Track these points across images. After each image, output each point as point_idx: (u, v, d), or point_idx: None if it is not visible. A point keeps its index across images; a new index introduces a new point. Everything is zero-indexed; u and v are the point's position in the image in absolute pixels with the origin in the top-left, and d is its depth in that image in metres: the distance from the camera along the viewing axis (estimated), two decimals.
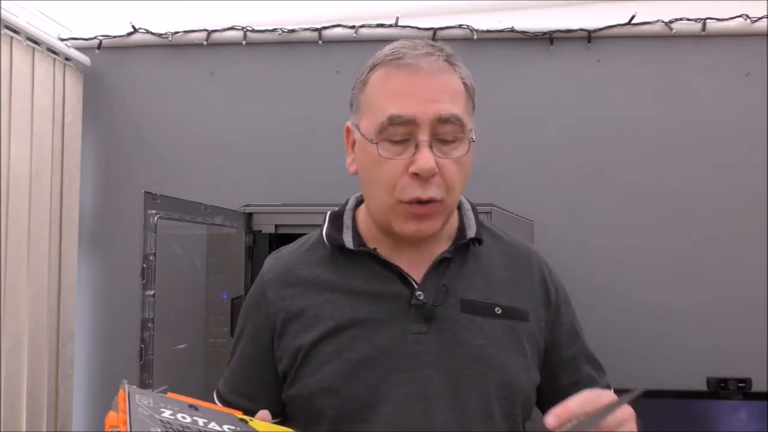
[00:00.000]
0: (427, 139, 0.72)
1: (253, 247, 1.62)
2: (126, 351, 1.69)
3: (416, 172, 0.71)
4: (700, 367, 1.61)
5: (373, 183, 0.76)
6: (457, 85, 0.76)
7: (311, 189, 1.81)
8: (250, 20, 1.85)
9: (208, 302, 1.58)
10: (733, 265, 1.70)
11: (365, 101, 0.77)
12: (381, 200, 0.75)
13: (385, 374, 0.74)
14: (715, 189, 1.73)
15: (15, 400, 1.52)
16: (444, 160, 0.73)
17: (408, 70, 0.74)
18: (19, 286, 1.54)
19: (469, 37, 1.78)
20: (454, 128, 0.73)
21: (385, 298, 0.77)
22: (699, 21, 1.72)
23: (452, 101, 0.74)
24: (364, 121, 0.77)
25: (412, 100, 0.72)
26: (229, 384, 0.86)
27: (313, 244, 0.85)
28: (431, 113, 0.72)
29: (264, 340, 0.82)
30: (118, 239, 1.87)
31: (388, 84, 0.75)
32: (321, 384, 0.75)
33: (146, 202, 1.20)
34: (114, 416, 0.51)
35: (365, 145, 0.76)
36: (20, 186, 1.56)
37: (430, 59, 0.74)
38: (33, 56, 1.63)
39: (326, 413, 0.74)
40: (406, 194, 0.72)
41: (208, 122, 1.88)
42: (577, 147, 1.78)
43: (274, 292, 0.82)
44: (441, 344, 0.74)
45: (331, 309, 0.78)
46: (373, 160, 0.74)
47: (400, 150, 0.73)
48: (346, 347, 0.75)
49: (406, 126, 0.72)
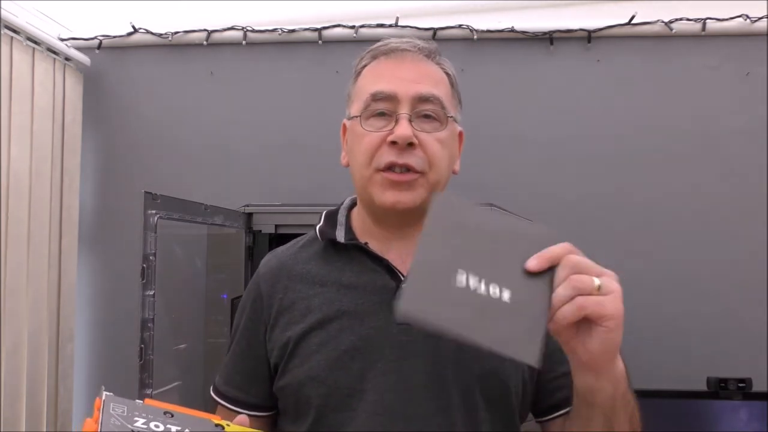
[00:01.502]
0: (407, 113, 0.76)
1: (253, 247, 1.62)
2: (126, 351, 1.69)
3: (393, 139, 0.74)
4: (700, 367, 1.61)
5: (355, 158, 0.80)
6: (440, 74, 0.81)
7: (311, 189, 1.81)
8: (250, 20, 1.85)
9: (208, 302, 1.59)
10: (733, 265, 1.70)
11: (356, 90, 0.83)
12: (361, 172, 0.79)
13: (371, 364, 0.75)
14: (715, 189, 1.73)
15: (15, 400, 1.52)
16: (424, 135, 0.76)
17: (394, 57, 0.80)
18: (19, 286, 1.54)
19: (469, 37, 1.78)
20: (435, 107, 0.77)
21: (373, 290, 0.78)
22: (699, 21, 1.72)
23: (434, 85, 0.78)
24: (353, 106, 0.82)
25: (394, 80, 0.78)
26: (223, 376, 0.88)
27: (307, 241, 0.88)
28: (412, 91, 0.76)
29: (258, 333, 0.84)
30: (118, 239, 1.87)
31: (375, 70, 0.81)
32: (308, 373, 0.77)
33: (146, 202, 1.20)
34: (89, 423, 0.52)
35: (353, 126, 0.81)
36: (20, 186, 1.56)
37: (415, 51, 0.80)
38: (33, 56, 1.63)
39: (313, 402, 0.76)
40: (382, 160, 0.76)
41: (208, 122, 1.88)
42: (576, 147, 1.78)
43: (267, 287, 0.84)
44: (426, 334, 0.74)
45: (320, 301, 0.80)
46: (357, 136, 0.79)
47: (382, 124, 0.77)
48: (333, 338, 0.77)
49: (388, 102, 0.77)
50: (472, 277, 0.55)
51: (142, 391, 1.17)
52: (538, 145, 1.79)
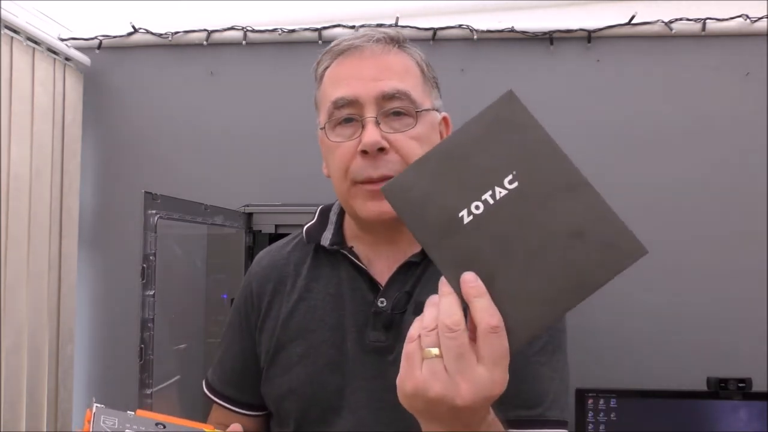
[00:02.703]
0: (373, 116, 0.71)
1: (253, 247, 1.62)
2: (126, 351, 1.69)
3: (362, 148, 0.70)
4: (700, 367, 1.61)
5: (332, 172, 0.76)
6: (405, 64, 0.75)
7: (311, 189, 1.81)
8: (250, 20, 1.85)
9: (208, 302, 1.59)
10: (733, 265, 1.70)
11: (320, 97, 0.79)
12: (340, 187, 0.75)
13: (348, 380, 0.73)
14: (715, 189, 1.72)
15: (15, 400, 1.51)
16: (397, 135, 0.71)
17: (352, 55, 0.74)
18: (19, 286, 1.54)
19: (469, 37, 1.78)
20: (402, 103, 0.72)
21: (353, 301, 0.75)
22: (699, 21, 1.72)
23: (399, 78, 0.73)
24: (320, 115, 0.78)
25: (354, 82, 0.72)
26: (218, 373, 0.87)
27: (299, 240, 0.85)
28: (374, 92, 0.71)
29: (250, 332, 0.82)
30: (118, 239, 1.86)
31: (335, 73, 0.76)
32: (288, 385, 0.75)
33: (146, 202, 1.20)
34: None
35: (323, 139, 0.77)
36: (20, 186, 1.56)
37: (374, 43, 0.74)
38: (33, 56, 1.63)
39: (292, 414, 0.75)
40: (359, 174, 0.71)
41: (208, 122, 1.88)
42: (576, 147, 1.76)
43: (257, 286, 0.83)
44: (398, 353, 0.69)
45: (304, 309, 0.77)
46: (328, 148, 0.75)
47: (350, 132, 0.72)
48: (315, 350, 0.75)
49: (351, 107, 0.72)
50: (473, 206, 0.48)
51: (142, 390, 1.17)
52: None
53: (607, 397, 1.47)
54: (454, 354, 0.45)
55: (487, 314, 0.46)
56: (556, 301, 0.47)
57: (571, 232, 0.47)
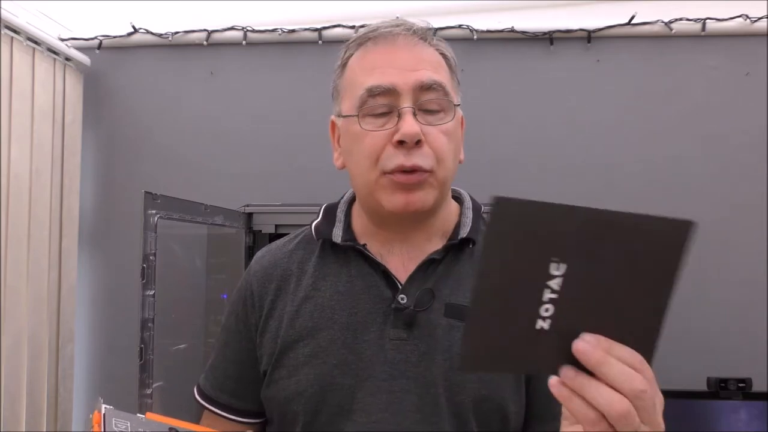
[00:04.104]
0: (411, 106, 0.68)
1: (253, 247, 1.62)
2: (126, 351, 1.69)
3: (400, 139, 0.67)
4: (700, 367, 1.61)
5: (357, 161, 0.71)
6: (437, 57, 0.74)
7: (311, 189, 1.81)
8: (250, 20, 1.85)
9: (208, 302, 1.59)
10: (733, 265, 1.70)
11: (345, 84, 0.74)
12: (365, 177, 0.70)
13: (361, 381, 0.69)
14: (715, 189, 1.73)
15: (15, 400, 1.52)
16: (430, 128, 0.68)
17: (385, 43, 0.72)
18: (19, 286, 1.54)
19: (469, 37, 1.78)
20: (438, 95, 0.69)
21: (367, 299, 0.72)
22: (699, 21, 1.72)
23: (434, 70, 0.71)
24: (345, 103, 0.73)
25: (391, 70, 0.69)
26: (211, 380, 0.82)
27: (303, 238, 0.81)
28: (412, 81, 0.68)
29: (249, 334, 0.78)
30: (118, 239, 1.87)
31: (366, 61, 0.72)
32: (296, 388, 0.71)
33: (146, 202, 1.20)
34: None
35: (348, 125, 0.72)
36: (20, 186, 1.56)
37: (408, 33, 0.73)
38: (33, 56, 1.63)
39: (300, 419, 0.71)
40: (390, 163, 0.68)
41: (208, 122, 1.88)
42: (576, 147, 1.78)
43: (258, 286, 0.78)
44: (421, 352, 0.69)
45: (311, 308, 0.73)
46: (355, 137, 0.70)
47: (383, 122, 0.69)
48: (323, 350, 0.71)
49: (387, 96, 0.68)
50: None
51: (141, 390, 1.17)
52: (538, 145, 1.79)
53: None
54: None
55: (616, 398, 0.45)
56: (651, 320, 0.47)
57: (620, 266, 0.45)
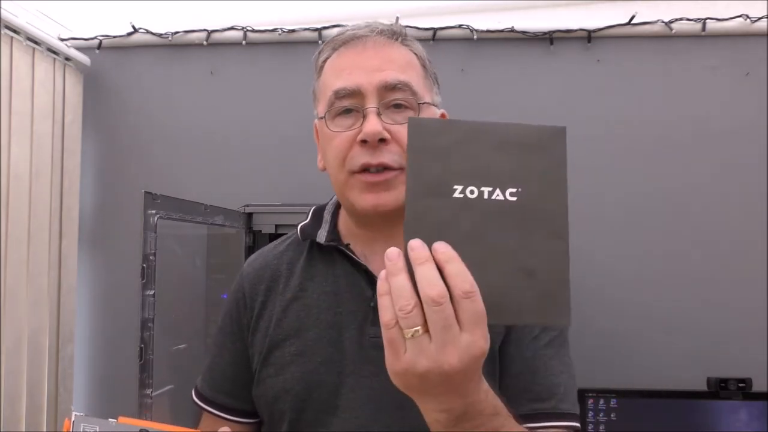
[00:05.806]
0: (375, 107, 0.70)
1: (253, 247, 1.62)
2: (126, 351, 1.69)
3: (363, 138, 0.69)
4: (700, 367, 1.61)
5: (329, 162, 0.74)
6: (407, 57, 0.75)
7: (311, 189, 1.80)
8: (250, 20, 1.85)
9: (208, 302, 1.59)
10: (733, 265, 1.70)
11: (320, 87, 0.78)
12: (336, 178, 0.73)
13: (345, 378, 0.71)
14: (715, 189, 1.72)
15: (15, 400, 1.52)
16: (397, 127, 0.70)
17: (354, 45, 0.74)
18: (19, 286, 1.54)
19: (469, 37, 1.78)
20: (404, 95, 0.71)
21: (350, 298, 0.74)
22: (699, 21, 1.72)
23: (401, 70, 0.72)
24: (320, 106, 0.76)
25: (356, 72, 0.71)
26: (208, 381, 0.84)
27: (293, 240, 0.84)
28: (376, 81, 0.70)
29: (242, 334, 0.80)
30: (118, 239, 1.86)
31: (336, 63, 0.75)
32: (282, 385, 0.73)
33: (146, 202, 1.20)
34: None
35: (322, 128, 0.76)
36: (20, 186, 1.56)
37: (377, 35, 0.74)
38: (33, 56, 1.63)
39: (287, 416, 0.73)
40: (356, 163, 0.70)
41: (208, 122, 1.88)
42: (576, 147, 1.76)
43: (250, 287, 0.81)
44: None
45: (298, 308, 0.76)
46: (327, 138, 0.74)
47: (350, 123, 0.71)
48: (309, 348, 0.73)
49: (353, 98, 0.71)
50: (468, 188, 0.50)
51: (141, 391, 1.17)
52: None
53: (608, 397, 1.47)
54: (441, 326, 0.45)
55: (460, 279, 0.45)
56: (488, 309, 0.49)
57: (527, 267, 0.50)
